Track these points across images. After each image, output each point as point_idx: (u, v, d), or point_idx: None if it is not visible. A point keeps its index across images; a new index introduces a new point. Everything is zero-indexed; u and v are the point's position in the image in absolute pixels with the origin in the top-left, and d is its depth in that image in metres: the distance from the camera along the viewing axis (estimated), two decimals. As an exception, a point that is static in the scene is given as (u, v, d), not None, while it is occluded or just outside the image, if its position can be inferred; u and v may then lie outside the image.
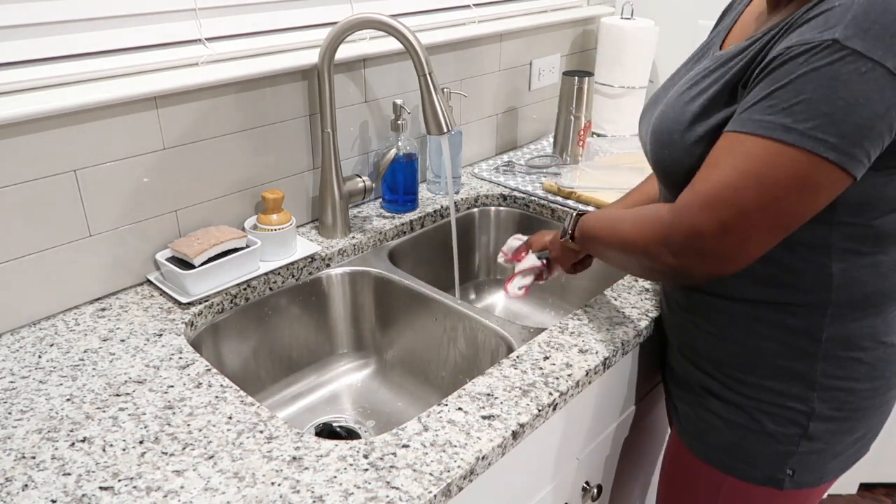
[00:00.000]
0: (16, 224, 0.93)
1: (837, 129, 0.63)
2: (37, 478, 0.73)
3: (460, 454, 0.77)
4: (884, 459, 1.90)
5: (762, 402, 0.85)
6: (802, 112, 0.64)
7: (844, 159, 0.64)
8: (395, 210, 1.34)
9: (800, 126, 0.64)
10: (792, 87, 0.64)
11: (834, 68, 0.63)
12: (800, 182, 0.65)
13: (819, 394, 0.82)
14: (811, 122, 0.63)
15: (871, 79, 0.62)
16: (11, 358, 0.92)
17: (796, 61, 0.65)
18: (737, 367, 0.86)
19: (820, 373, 0.81)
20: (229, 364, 1.09)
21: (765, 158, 0.65)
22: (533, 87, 1.69)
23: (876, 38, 0.62)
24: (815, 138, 0.64)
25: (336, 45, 1.12)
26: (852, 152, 0.64)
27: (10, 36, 0.91)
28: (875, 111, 0.63)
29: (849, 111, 0.63)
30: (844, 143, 0.63)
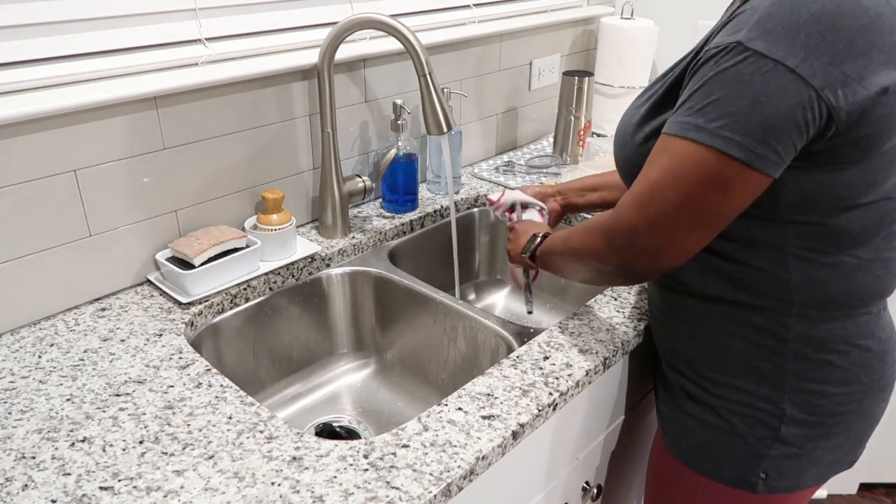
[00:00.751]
0: (16, 224, 0.94)
1: (742, 128, 0.66)
2: (37, 478, 0.73)
3: (460, 454, 0.77)
4: (884, 459, 1.90)
5: (732, 402, 0.85)
6: (712, 112, 0.67)
7: (751, 157, 0.66)
8: (395, 210, 1.34)
9: (709, 126, 0.67)
10: (704, 89, 0.68)
11: (737, 69, 0.66)
12: (710, 178, 0.68)
13: (790, 396, 0.81)
14: (719, 121, 0.67)
15: (771, 78, 0.64)
16: (11, 358, 0.92)
17: (708, 64, 0.68)
18: (707, 367, 0.86)
19: (790, 374, 0.81)
20: (229, 364, 1.09)
21: (681, 157, 0.69)
22: (533, 87, 1.69)
23: (777, 39, 0.64)
24: (722, 136, 0.67)
25: (336, 45, 1.12)
26: (758, 150, 0.66)
27: (10, 36, 0.91)
28: (777, 110, 0.65)
29: (752, 110, 0.65)
30: (749, 141, 0.66)
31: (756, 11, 0.66)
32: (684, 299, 0.87)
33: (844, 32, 0.63)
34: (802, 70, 0.64)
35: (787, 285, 0.78)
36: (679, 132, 0.70)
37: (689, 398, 0.90)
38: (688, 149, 0.69)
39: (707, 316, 0.85)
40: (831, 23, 0.63)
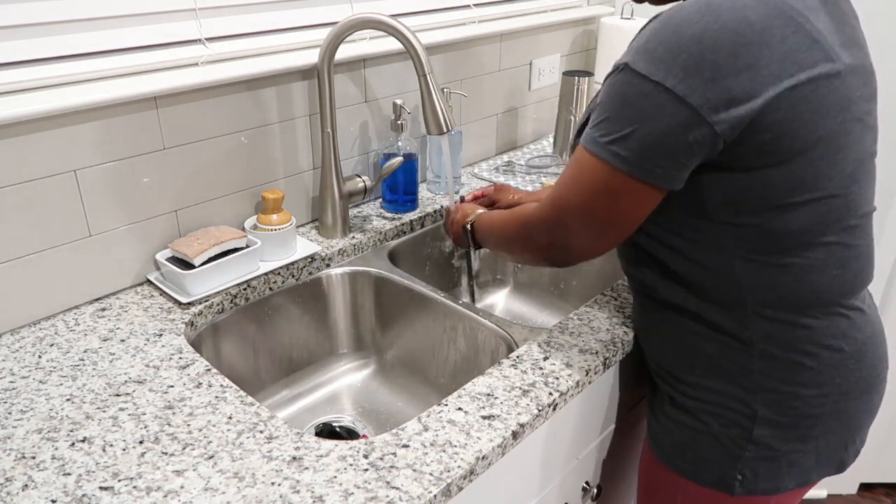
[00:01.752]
0: (16, 224, 0.94)
1: (627, 145, 0.72)
2: (37, 478, 0.73)
3: (460, 454, 0.77)
4: (884, 459, 1.90)
5: (706, 403, 0.86)
6: (605, 128, 0.74)
7: (637, 171, 0.72)
8: (395, 210, 1.34)
9: (602, 140, 0.74)
10: (602, 105, 0.75)
11: (623, 90, 0.72)
12: (602, 187, 0.75)
13: (761, 396, 0.82)
14: (609, 136, 0.73)
15: (651, 99, 0.69)
16: (11, 358, 0.92)
17: (606, 82, 0.75)
18: (681, 370, 0.88)
19: (758, 374, 0.81)
20: (229, 364, 1.09)
21: (582, 165, 0.77)
22: (533, 87, 1.69)
23: (659, 61, 0.68)
24: (611, 151, 0.73)
25: (336, 45, 1.12)
26: (644, 166, 0.72)
27: (10, 36, 0.91)
28: (655, 128, 0.70)
29: (635, 129, 0.71)
30: (634, 157, 0.72)
31: (644, 33, 0.71)
32: (656, 308, 0.89)
33: (727, 49, 0.66)
34: (680, 90, 0.67)
35: (736, 287, 0.79)
36: (583, 143, 0.77)
37: (669, 401, 0.91)
38: (588, 159, 0.76)
39: (674, 321, 0.87)
40: (712, 41, 0.66)
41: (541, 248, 0.86)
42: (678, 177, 0.73)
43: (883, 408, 1.79)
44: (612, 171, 0.73)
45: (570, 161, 0.81)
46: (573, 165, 0.79)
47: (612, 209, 0.77)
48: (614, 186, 0.74)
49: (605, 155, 0.73)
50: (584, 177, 0.76)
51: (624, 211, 0.77)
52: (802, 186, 0.73)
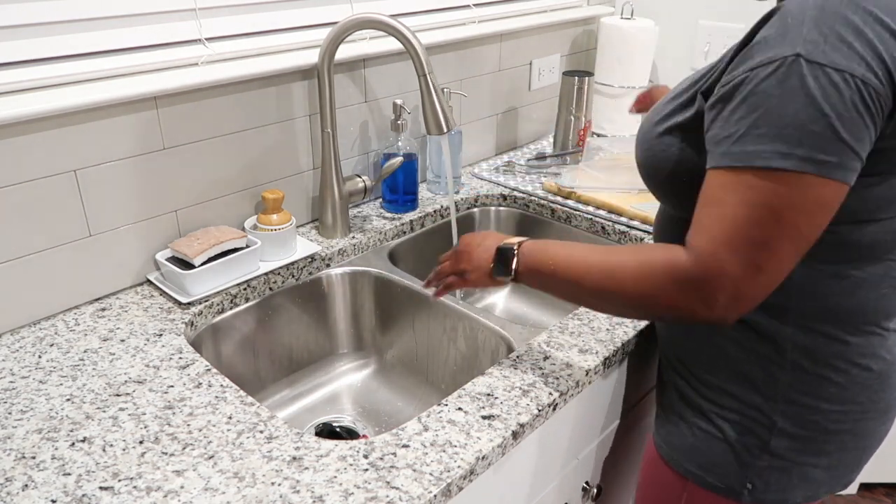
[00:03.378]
0: (16, 224, 0.94)
1: (834, 148, 0.62)
2: (37, 478, 0.73)
3: (460, 454, 0.77)
4: (884, 459, 1.90)
5: (723, 408, 0.83)
6: (792, 136, 0.62)
7: (849, 175, 0.64)
8: (395, 210, 1.34)
9: (798, 151, 0.62)
10: (774, 111, 0.63)
11: (806, 86, 0.62)
12: (815, 205, 0.64)
13: (782, 407, 0.80)
14: (805, 145, 0.62)
15: (845, 90, 0.61)
16: (11, 358, 0.92)
17: (768, 83, 0.64)
18: (701, 368, 0.85)
19: (784, 385, 0.79)
20: (229, 364, 1.09)
21: (774, 189, 0.64)
22: (533, 87, 1.69)
23: (838, 49, 0.61)
24: (816, 161, 0.62)
25: (336, 45, 1.12)
26: (850, 164, 0.63)
27: (10, 36, 0.91)
28: (860, 122, 0.62)
29: (837, 128, 0.62)
30: (843, 158, 0.63)
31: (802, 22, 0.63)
32: None
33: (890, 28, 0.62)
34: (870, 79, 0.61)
35: (786, 294, 0.75)
36: (759, 163, 0.64)
37: (682, 399, 0.89)
38: (779, 179, 0.63)
39: None
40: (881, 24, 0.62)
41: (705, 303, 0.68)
42: None
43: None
44: (824, 183, 0.63)
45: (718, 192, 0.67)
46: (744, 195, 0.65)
47: (822, 225, 0.66)
48: (827, 198, 0.64)
49: (810, 168, 0.62)
50: (786, 201, 0.63)
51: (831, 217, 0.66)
52: (891, 204, 0.70)
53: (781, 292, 0.73)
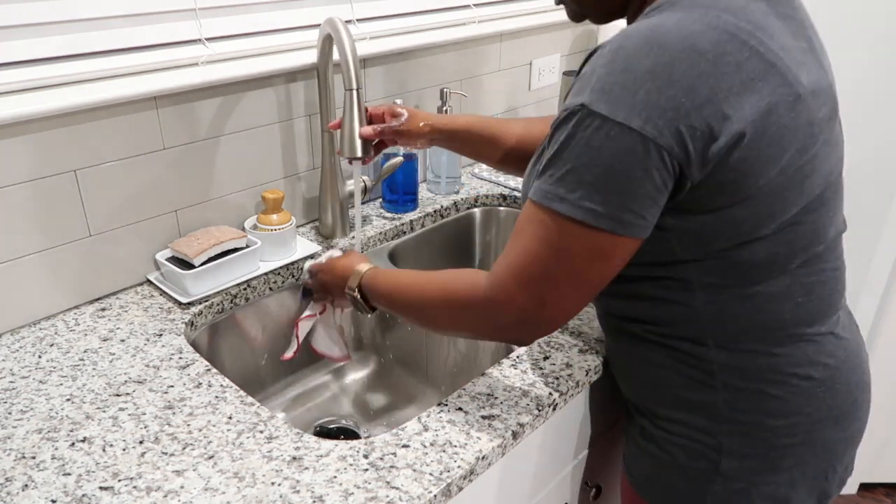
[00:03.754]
0: (16, 224, 0.93)
1: (603, 198, 0.64)
2: (37, 478, 0.73)
3: (460, 454, 0.77)
4: (884, 459, 1.90)
5: (673, 435, 0.82)
6: (571, 182, 0.65)
7: (616, 226, 0.65)
8: (395, 210, 1.34)
9: (571, 197, 0.65)
10: (562, 155, 0.66)
11: (587, 135, 0.64)
12: (591, 252, 0.67)
13: (727, 427, 0.78)
14: (579, 191, 0.65)
15: (620, 142, 0.62)
16: (11, 358, 0.92)
17: (561, 128, 0.66)
18: (649, 400, 0.84)
19: (723, 405, 0.77)
20: (229, 364, 1.09)
21: (556, 230, 0.67)
22: (533, 87, 1.69)
23: (618, 100, 0.62)
24: (584, 208, 0.65)
25: (329, 45, 1.12)
26: (622, 218, 0.65)
27: (10, 36, 0.91)
28: (632, 175, 0.63)
29: (607, 178, 0.64)
30: (612, 210, 0.64)
31: (594, 71, 0.64)
32: (623, 339, 0.85)
33: (683, 83, 0.61)
34: (648, 131, 0.62)
35: (696, 320, 0.75)
36: (545, 202, 0.67)
37: (640, 431, 0.87)
38: (558, 221, 0.67)
39: (640, 353, 0.82)
40: (666, 76, 0.61)
41: (500, 329, 0.74)
42: (652, 224, 0.68)
43: (882, 407, 1.79)
44: (594, 232, 0.66)
45: (523, 223, 0.70)
46: (539, 229, 0.68)
47: (606, 271, 0.69)
48: (602, 247, 0.67)
49: (578, 214, 0.65)
50: (565, 243, 0.67)
51: (615, 270, 0.70)
52: (770, 218, 0.69)
53: (692, 320, 0.76)
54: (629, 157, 0.63)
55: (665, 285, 0.75)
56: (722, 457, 0.79)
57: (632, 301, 0.79)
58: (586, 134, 0.64)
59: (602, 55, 0.65)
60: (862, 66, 1.46)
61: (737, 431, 0.78)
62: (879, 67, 1.46)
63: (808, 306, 0.75)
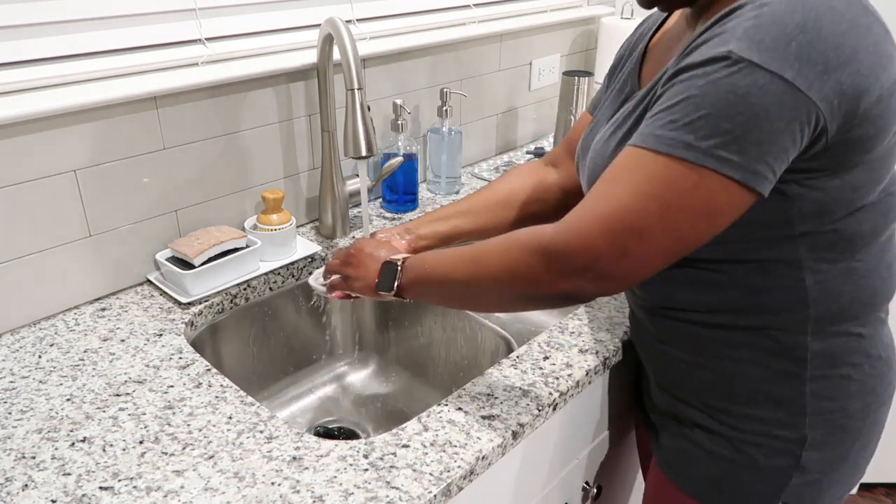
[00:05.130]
0: (16, 224, 0.94)
1: (739, 146, 0.61)
2: (37, 478, 0.73)
3: (460, 454, 0.77)
4: (884, 459, 1.90)
5: (748, 433, 0.79)
6: (704, 128, 0.61)
7: (749, 177, 0.62)
8: (395, 210, 1.34)
9: (702, 144, 0.61)
10: (692, 101, 0.62)
11: (732, 81, 0.60)
12: (704, 205, 0.63)
13: (811, 419, 0.77)
14: (713, 139, 0.61)
15: (769, 92, 0.60)
16: (11, 358, 0.92)
17: (695, 73, 0.63)
18: (718, 397, 0.81)
19: (810, 396, 0.76)
20: (229, 364, 1.09)
21: (668, 180, 0.63)
22: (533, 87, 1.69)
23: (769, 50, 0.60)
24: (718, 157, 0.61)
25: (328, 46, 1.12)
26: (756, 169, 0.62)
27: (10, 36, 0.91)
28: (775, 126, 0.61)
29: (749, 127, 0.60)
30: (748, 161, 0.61)
31: (739, 25, 0.62)
32: (686, 327, 0.81)
33: (831, 40, 0.61)
34: (800, 82, 0.60)
35: (804, 302, 0.73)
36: (663, 149, 0.62)
37: (696, 427, 0.83)
38: (676, 170, 0.62)
39: (715, 344, 0.79)
40: (816, 31, 0.60)
41: (569, 285, 0.68)
42: (774, 182, 0.64)
43: (883, 408, 1.79)
44: (721, 182, 0.62)
45: (618, 171, 0.66)
46: (640, 179, 0.64)
47: (709, 229, 0.65)
48: (719, 201, 0.63)
49: (710, 163, 0.61)
50: (676, 195, 0.62)
51: (718, 230, 0.65)
52: (877, 184, 0.69)
53: (799, 306, 0.73)
54: (777, 108, 0.60)
55: (773, 267, 0.72)
56: (804, 450, 0.78)
57: (726, 290, 0.75)
58: (732, 80, 0.60)
59: (745, 11, 0.63)
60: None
61: (821, 422, 0.77)
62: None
63: (890, 282, 0.77)
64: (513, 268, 0.71)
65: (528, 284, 0.70)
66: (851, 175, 0.67)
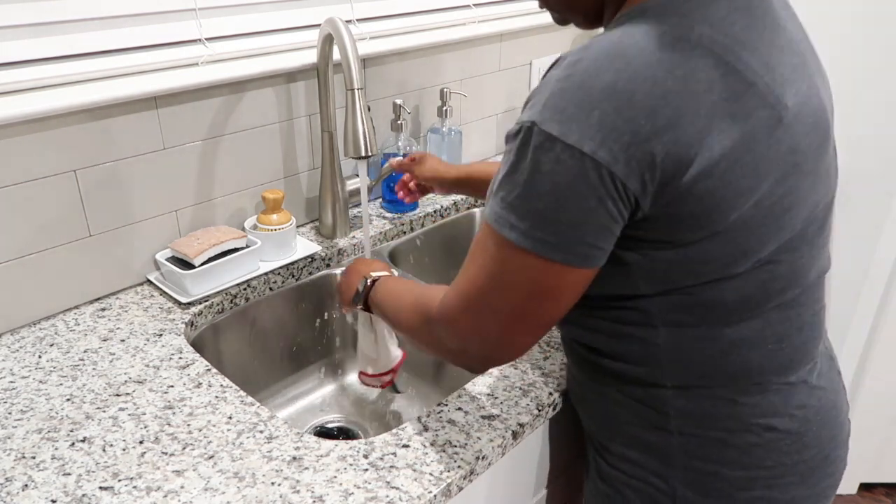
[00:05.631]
0: (16, 224, 0.94)
1: (554, 228, 0.58)
2: (37, 478, 0.73)
3: (460, 454, 0.77)
4: (884, 459, 1.90)
5: (627, 476, 0.76)
6: (520, 207, 0.59)
7: (571, 258, 0.60)
8: (395, 210, 1.34)
9: (521, 225, 0.59)
10: (511, 177, 0.60)
11: (535, 157, 0.57)
12: (537, 287, 0.62)
13: (680, 474, 0.72)
14: (529, 220, 0.59)
15: (571, 168, 0.56)
16: (11, 358, 0.92)
17: (511, 145, 0.61)
18: (603, 435, 0.79)
19: (678, 449, 0.72)
20: (229, 364, 1.09)
21: (501, 260, 0.62)
22: (533, 87, 1.69)
23: (570, 120, 0.56)
24: (536, 238, 0.59)
25: (328, 45, 1.12)
26: (577, 251, 0.59)
27: (10, 36, 0.91)
28: (585, 206, 0.57)
29: (559, 207, 0.58)
30: (567, 243, 0.59)
31: (548, 86, 0.58)
32: (582, 370, 0.80)
33: (644, 104, 0.55)
34: (601, 156, 0.55)
35: (657, 360, 0.69)
36: (496, 227, 0.61)
37: (596, 468, 0.82)
38: (506, 250, 0.61)
39: (594, 383, 0.78)
40: (627, 95, 0.55)
41: (450, 353, 0.71)
42: (608, 251, 0.62)
43: (882, 408, 1.79)
44: (545, 264, 0.60)
45: (478, 244, 0.65)
46: (487, 255, 0.63)
47: (555, 308, 0.64)
48: (551, 281, 0.61)
49: (528, 244, 0.59)
50: (511, 276, 0.62)
51: (566, 305, 0.64)
52: (743, 256, 0.63)
53: (651, 359, 0.70)
54: (581, 185, 0.56)
55: (626, 319, 0.69)
56: (676, 502, 0.73)
57: (591, 331, 0.74)
58: (536, 156, 0.57)
59: (560, 68, 0.59)
60: (861, 66, 1.46)
61: (691, 479, 0.72)
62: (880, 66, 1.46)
63: (780, 355, 0.69)
64: (416, 328, 0.75)
65: (428, 348, 0.75)
66: (696, 248, 0.62)
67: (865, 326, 1.70)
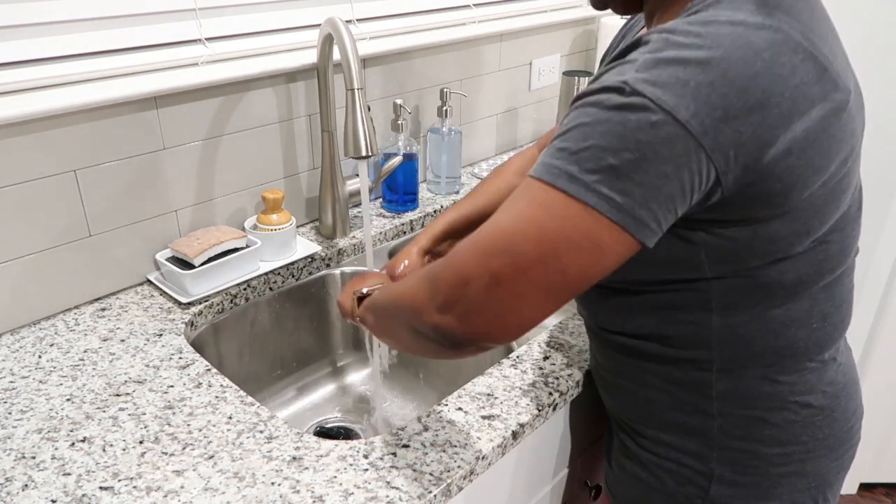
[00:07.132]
0: (16, 224, 0.94)
1: (622, 186, 0.55)
2: (37, 478, 0.73)
3: (460, 454, 0.77)
4: (884, 459, 1.90)
5: (661, 458, 0.79)
6: (589, 161, 0.56)
7: (630, 222, 0.56)
8: (396, 210, 1.34)
9: (585, 177, 0.56)
10: (582, 129, 0.57)
11: (623, 114, 0.56)
12: (581, 237, 0.57)
13: (718, 453, 0.75)
14: (596, 174, 0.56)
15: (659, 131, 0.55)
16: (11, 358, 0.92)
17: (589, 101, 0.58)
18: (635, 419, 0.81)
19: (718, 430, 0.74)
20: (229, 364, 1.09)
21: (548, 206, 0.57)
22: (533, 87, 1.69)
23: (666, 86, 0.55)
24: (599, 194, 0.56)
25: (328, 47, 1.12)
26: (638, 214, 0.56)
27: (10, 36, 0.91)
28: (662, 170, 0.55)
29: (635, 167, 0.55)
30: (631, 204, 0.56)
31: (642, 55, 0.58)
32: (608, 348, 0.81)
33: (736, 83, 0.55)
34: (693, 126, 0.55)
35: (707, 344, 0.71)
36: (548, 178, 0.58)
37: (625, 451, 0.84)
38: (556, 199, 0.57)
39: (631, 368, 0.78)
40: (721, 71, 0.55)
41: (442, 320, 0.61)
42: (660, 234, 0.59)
43: (882, 408, 1.79)
44: (599, 220, 0.56)
45: (511, 199, 0.60)
46: (522, 205, 0.59)
47: (590, 268, 0.58)
48: (599, 238, 0.57)
49: (590, 199, 0.56)
50: (554, 222, 0.57)
51: (602, 271, 0.59)
52: (805, 235, 0.64)
53: (701, 342, 0.71)
54: (665, 150, 0.55)
55: (681, 303, 0.70)
56: (712, 483, 0.76)
57: (637, 316, 0.74)
58: (623, 113, 0.55)
59: (651, 41, 0.58)
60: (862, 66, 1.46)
61: (729, 458, 0.75)
62: (880, 66, 1.46)
63: (822, 332, 0.71)
64: (410, 293, 0.66)
65: (411, 312, 0.65)
66: (766, 227, 0.62)
67: (865, 326, 1.70)
